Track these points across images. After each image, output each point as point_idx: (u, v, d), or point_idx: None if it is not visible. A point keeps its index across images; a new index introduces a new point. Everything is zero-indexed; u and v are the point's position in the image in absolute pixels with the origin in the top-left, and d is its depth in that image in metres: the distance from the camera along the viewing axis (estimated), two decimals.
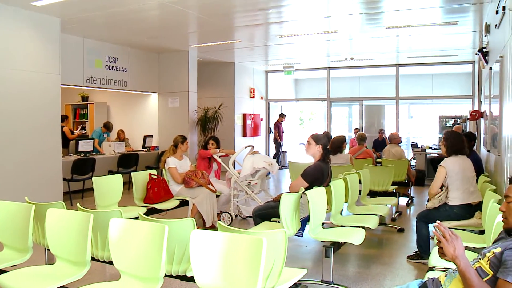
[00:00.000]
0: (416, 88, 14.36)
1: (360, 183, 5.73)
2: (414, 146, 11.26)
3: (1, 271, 3.09)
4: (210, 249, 2.52)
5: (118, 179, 5.43)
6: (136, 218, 3.65)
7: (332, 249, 3.93)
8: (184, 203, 6.01)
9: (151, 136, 10.95)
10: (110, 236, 2.88)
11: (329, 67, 13.92)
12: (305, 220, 4.31)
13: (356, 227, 4.43)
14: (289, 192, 4.48)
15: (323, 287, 4.00)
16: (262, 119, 14.75)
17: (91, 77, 9.56)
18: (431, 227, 4.60)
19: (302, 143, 14.22)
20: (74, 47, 9.09)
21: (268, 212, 4.71)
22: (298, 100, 16.75)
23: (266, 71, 14.98)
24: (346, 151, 7.66)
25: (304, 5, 6.92)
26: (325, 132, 10.11)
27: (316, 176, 4.61)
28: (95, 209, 4.77)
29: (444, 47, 10.48)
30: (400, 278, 4.34)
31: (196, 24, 8.32)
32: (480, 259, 2.12)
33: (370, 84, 15.45)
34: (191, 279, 2.84)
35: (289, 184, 4.85)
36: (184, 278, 3.10)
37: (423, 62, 12.82)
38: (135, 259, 2.79)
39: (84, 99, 12.62)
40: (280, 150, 13.98)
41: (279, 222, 4.39)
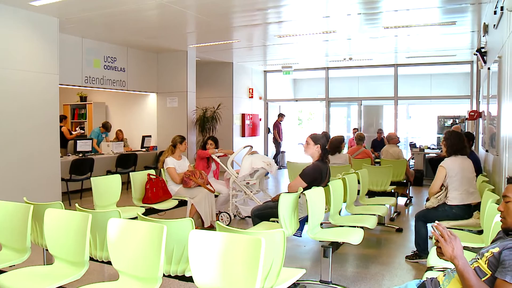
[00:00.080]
0: (414, 88, 14.37)
1: (358, 183, 5.74)
2: (413, 146, 11.27)
3: None
4: (208, 249, 2.52)
5: (116, 179, 5.42)
6: (135, 218, 3.65)
7: (331, 249, 3.93)
8: (182, 203, 6.01)
9: (150, 136, 10.94)
10: (109, 236, 2.88)
11: (327, 67, 13.92)
12: (303, 220, 4.31)
13: (355, 227, 4.44)
14: (287, 192, 4.48)
15: (322, 287, 4.00)
16: (260, 119, 14.74)
17: (90, 77, 9.55)
18: (430, 226, 4.60)
19: (300, 143, 14.22)
20: (73, 47, 9.08)
21: (267, 212, 4.71)
22: (297, 100, 16.76)
23: (264, 71, 14.98)
24: (344, 151, 7.67)
25: (303, 5, 6.92)
26: (323, 132, 10.11)
27: (315, 176, 4.61)
28: (94, 209, 4.77)
29: (442, 47, 10.49)
30: (398, 278, 4.35)
31: (194, 24, 8.32)
32: (478, 259, 2.12)
33: (369, 84, 15.46)
34: (190, 279, 2.83)
35: (287, 184, 4.85)
36: (183, 278, 3.10)
37: (422, 62, 12.83)
38: (134, 259, 2.79)
39: (83, 99, 12.60)
40: (280, 149, 14.00)
41: (277, 222, 4.39)
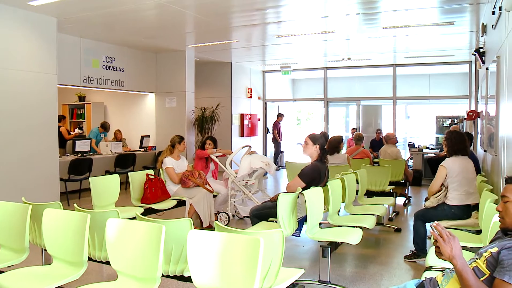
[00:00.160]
0: (413, 88, 14.37)
1: (357, 183, 5.74)
2: (411, 146, 11.28)
3: None
4: (207, 249, 2.52)
5: (115, 179, 5.42)
6: (133, 218, 3.64)
7: (330, 249, 3.93)
8: (181, 203, 6.01)
9: (148, 136, 10.94)
10: (107, 236, 2.88)
11: (326, 67, 13.92)
12: (302, 220, 4.31)
13: (353, 227, 4.44)
14: (286, 192, 4.49)
15: (321, 287, 4.00)
16: (259, 119, 14.74)
17: (88, 77, 9.54)
18: (428, 226, 4.61)
19: (299, 143, 14.22)
20: (71, 47, 9.07)
21: (266, 212, 4.71)
22: (296, 100, 16.75)
23: (263, 71, 14.97)
24: (343, 151, 7.67)
25: (301, 5, 6.92)
26: (322, 132, 10.12)
27: (313, 176, 4.61)
28: (92, 209, 4.77)
29: (441, 47, 10.50)
30: (397, 278, 4.35)
31: (193, 24, 8.31)
32: (477, 259, 2.12)
33: (367, 84, 15.46)
34: (188, 279, 2.83)
35: (286, 184, 4.85)
36: (181, 278, 3.10)
37: (420, 62, 12.83)
38: (132, 259, 2.79)
39: (81, 99, 12.59)
40: (280, 149, 14.01)
41: (276, 222, 4.39)
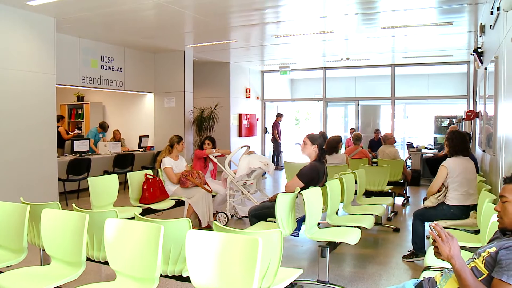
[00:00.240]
0: (411, 88, 14.39)
1: (356, 183, 5.74)
2: (410, 146, 11.29)
3: None
4: (206, 249, 2.52)
5: (113, 179, 5.41)
6: (132, 218, 3.65)
7: (328, 249, 3.93)
8: (180, 203, 6.00)
9: (147, 136, 10.93)
10: (106, 236, 2.88)
11: (325, 67, 13.93)
12: (301, 220, 4.31)
13: (352, 227, 4.44)
14: (285, 192, 4.49)
15: (319, 287, 4.01)
16: (258, 119, 14.75)
17: (87, 77, 9.53)
18: (427, 225, 4.61)
19: (298, 143, 14.24)
20: (70, 47, 9.06)
21: (264, 212, 4.71)
22: (294, 100, 16.76)
23: (262, 71, 14.97)
24: (342, 151, 7.68)
25: (300, 5, 6.93)
26: (321, 132, 10.11)
27: (312, 176, 4.61)
28: (91, 209, 4.76)
29: (439, 47, 10.51)
30: (395, 278, 4.35)
31: (192, 24, 8.31)
32: (475, 258, 2.13)
33: (366, 84, 15.47)
34: (187, 279, 2.83)
35: (285, 184, 4.85)
36: (180, 278, 3.10)
37: (419, 62, 12.85)
38: (131, 259, 2.78)
39: (80, 99, 12.58)
40: (280, 149, 14.03)
41: (275, 222, 4.39)
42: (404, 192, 8.13)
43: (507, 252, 1.96)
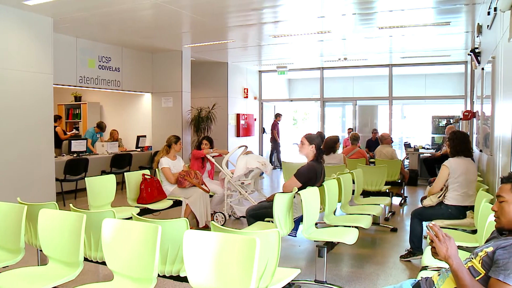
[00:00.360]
0: (409, 88, 14.41)
1: (353, 183, 5.74)
2: (407, 146, 11.31)
3: None
4: (203, 249, 2.52)
5: (111, 179, 5.41)
6: (129, 218, 3.64)
7: (326, 249, 3.94)
8: (177, 203, 6.00)
9: (145, 136, 10.92)
10: (103, 236, 2.87)
11: (322, 67, 13.94)
12: (298, 220, 4.31)
13: (350, 227, 4.45)
14: (282, 192, 4.49)
15: (317, 287, 4.01)
16: (255, 119, 14.74)
17: (84, 77, 9.51)
18: (425, 225, 4.62)
19: (295, 143, 14.24)
20: (67, 47, 9.04)
21: (262, 212, 4.71)
22: (292, 100, 16.76)
23: (259, 71, 14.97)
24: (339, 151, 7.68)
25: (298, 5, 6.93)
26: (318, 132, 10.13)
27: (310, 176, 4.62)
28: (88, 209, 4.74)
29: (436, 47, 10.53)
30: (393, 278, 4.36)
31: (189, 24, 8.30)
32: (472, 258, 2.13)
33: (364, 84, 15.48)
34: (185, 279, 2.83)
35: (282, 184, 4.85)
36: (178, 279, 3.09)
37: (416, 63, 12.88)
38: (128, 259, 2.78)
39: (77, 99, 12.54)
40: (279, 149, 14.04)
41: (272, 222, 4.39)
42: (402, 192, 8.14)
43: (504, 252, 1.97)
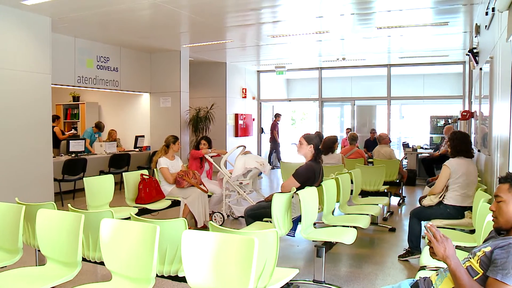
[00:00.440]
0: (407, 88, 14.43)
1: (351, 183, 5.75)
2: (406, 146, 11.32)
3: None
4: (201, 249, 2.52)
5: (109, 180, 5.40)
6: (128, 218, 3.63)
7: (324, 248, 3.94)
8: (175, 203, 6.00)
9: (143, 136, 10.90)
10: (102, 236, 2.87)
11: (320, 67, 13.95)
12: (296, 220, 4.31)
13: (348, 226, 4.45)
14: (280, 192, 4.49)
15: (315, 286, 4.01)
16: (254, 119, 14.74)
17: (82, 77, 9.50)
18: (424, 224, 4.62)
19: (294, 143, 14.24)
20: (65, 47, 9.02)
21: (260, 212, 4.71)
22: (290, 100, 16.77)
23: (258, 71, 14.97)
24: (337, 151, 7.68)
25: (296, 5, 6.93)
26: (316, 132, 10.13)
27: (308, 176, 4.62)
28: (86, 209, 4.75)
29: (435, 47, 10.54)
30: (391, 278, 4.36)
31: (188, 24, 8.30)
32: (470, 258, 2.14)
33: (362, 84, 15.49)
34: (183, 280, 2.83)
35: (280, 184, 4.85)
36: (176, 279, 3.09)
37: (415, 63, 12.90)
38: (127, 259, 2.78)
39: (75, 99, 12.53)
40: (279, 149, 14.05)
41: (271, 222, 4.40)
42: (400, 192, 8.15)
43: (502, 251, 1.97)
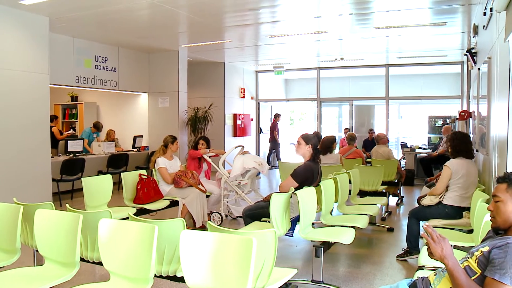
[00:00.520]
0: (405, 88, 14.44)
1: (350, 183, 5.75)
2: (404, 146, 11.33)
3: None
4: (200, 249, 2.52)
5: (107, 180, 5.40)
6: (126, 218, 3.63)
7: (322, 248, 3.94)
8: (174, 203, 6.00)
9: (141, 136, 10.90)
10: (100, 236, 2.87)
11: (319, 67, 13.96)
12: (295, 220, 4.32)
13: (346, 226, 4.45)
14: (279, 192, 4.49)
15: (314, 286, 4.01)
16: (252, 119, 14.75)
17: (81, 77, 9.49)
18: (422, 224, 4.63)
19: (292, 143, 14.25)
20: (63, 47, 9.01)
21: (258, 212, 4.71)
22: (289, 100, 16.77)
23: (256, 71, 14.97)
24: (336, 151, 7.68)
25: (294, 5, 6.93)
26: (315, 132, 10.13)
27: (306, 176, 4.62)
28: (85, 209, 4.74)
29: (433, 47, 10.56)
30: (390, 278, 4.37)
31: (186, 24, 8.30)
32: (468, 258, 2.14)
33: (360, 84, 15.50)
34: (181, 280, 2.83)
35: (279, 184, 4.85)
36: (174, 279, 3.09)
37: (413, 63, 12.91)
38: (125, 259, 2.78)
39: (74, 99, 12.52)
40: (279, 149, 14.06)
41: (269, 222, 4.39)
42: (398, 192, 8.16)
43: (500, 251, 1.98)
